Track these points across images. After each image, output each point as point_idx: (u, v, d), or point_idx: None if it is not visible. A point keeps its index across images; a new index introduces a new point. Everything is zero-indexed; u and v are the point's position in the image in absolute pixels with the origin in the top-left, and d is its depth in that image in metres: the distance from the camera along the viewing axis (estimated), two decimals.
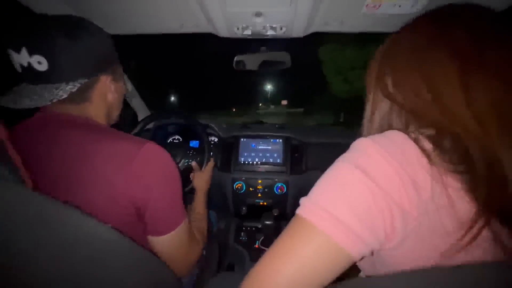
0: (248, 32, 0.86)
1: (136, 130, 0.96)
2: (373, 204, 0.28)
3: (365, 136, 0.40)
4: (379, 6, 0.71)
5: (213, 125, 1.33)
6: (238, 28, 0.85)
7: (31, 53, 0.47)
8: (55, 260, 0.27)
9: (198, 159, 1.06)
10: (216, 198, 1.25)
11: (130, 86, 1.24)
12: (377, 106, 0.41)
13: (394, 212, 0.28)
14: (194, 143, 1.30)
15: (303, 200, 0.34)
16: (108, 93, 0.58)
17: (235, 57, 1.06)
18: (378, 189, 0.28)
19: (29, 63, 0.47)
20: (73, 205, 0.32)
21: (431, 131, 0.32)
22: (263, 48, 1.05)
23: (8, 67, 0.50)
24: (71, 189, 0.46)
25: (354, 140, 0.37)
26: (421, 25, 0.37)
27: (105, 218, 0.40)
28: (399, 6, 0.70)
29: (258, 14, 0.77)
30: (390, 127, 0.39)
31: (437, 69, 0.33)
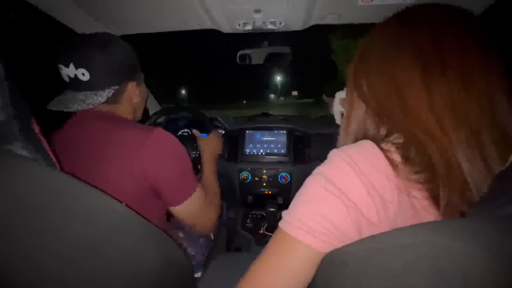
0: (249, 27, 0.90)
1: (148, 124, 1.03)
2: (347, 214, 0.30)
3: (342, 139, 0.43)
4: None
5: (220, 118, 1.38)
6: (239, 24, 0.89)
7: (77, 67, 0.58)
8: (80, 233, 0.33)
9: None
10: (224, 188, 1.32)
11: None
12: (353, 109, 0.41)
13: (363, 224, 0.30)
14: (202, 136, 1.36)
15: (284, 214, 0.35)
16: (133, 97, 0.69)
17: (238, 52, 1.10)
18: (349, 201, 0.30)
19: (75, 75, 0.59)
20: (97, 182, 0.42)
21: (400, 139, 0.33)
22: (265, 43, 1.08)
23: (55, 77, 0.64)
24: (96, 167, 0.55)
25: None
26: (390, 25, 0.37)
27: (123, 192, 0.54)
28: None
29: (257, 11, 0.80)
30: (365, 132, 0.39)
31: (403, 72, 0.33)
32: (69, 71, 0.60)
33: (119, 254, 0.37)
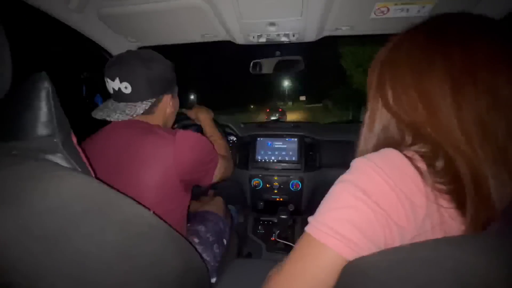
0: (263, 39, 0.93)
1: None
2: (375, 221, 0.30)
3: (363, 144, 0.43)
4: (388, 11, 0.74)
5: (231, 125, 1.41)
6: (253, 37, 0.92)
7: (121, 81, 0.65)
8: (114, 238, 0.36)
9: None
10: (235, 194, 1.34)
11: None
12: (376, 115, 0.40)
13: (393, 230, 0.30)
14: None
15: (310, 220, 0.35)
16: (167, 108, 0.74)
17: (251, 62, 1.13)
18: (378, 208, 0.30)
19: (119, 88, 0.66)
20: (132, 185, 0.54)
21: (426, 149, 0.33)
22: (277, 52, 1.11)
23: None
24: (130, 171, 0.61)
25: None
26: (420, 36, 0.36)
27: (156, 191, 0.61)
28: (407, 10, 0.73)
29: (271, 24, 0.83)
30: (387, 139, 0.39)
31: (432, 86, 0.32)
32: (114, 84, 0.66)
33: (146, 259, 0.40)
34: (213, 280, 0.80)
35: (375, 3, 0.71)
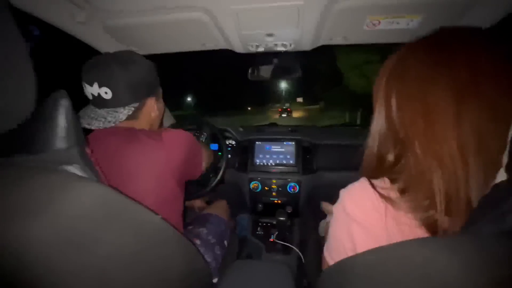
0: (261, 49, 0.97)
1: None
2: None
3: (367, 151, 0.46)
4: (379, 23, 0.79)
5: (230, 129, 1.45)
6: (252, 46, 0.96)
7: (100, 85, 0.62)
8: (129, 241, 0.39)
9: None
10: (235, 197, 1.37)
11: None
12: (378, 127, 0.43)
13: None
14: (213, 146, 1.42)
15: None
16: (152, 112, 0.72)
17: (249, 69, 1.17)
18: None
19: (98, 93, 0.62)
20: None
21: (397, 176, 0.38)
22: (275, 60, 1.15)
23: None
24: (123, 182, 0.58)
25: (361, 141, 0.46)
26: (427, 49, 0.38)
27: (153, 197, 0.61)
28: (397, 23, 0.78)
29: (269, 35, 0.87)
30: (381, 151, 0.43)
31: (436, 98, 0.34)
32: (93, 90, 0.62)
33: (156, 260, 0.43)
34: (215, 280, 0.83)
35: (367, 16, 0.76)
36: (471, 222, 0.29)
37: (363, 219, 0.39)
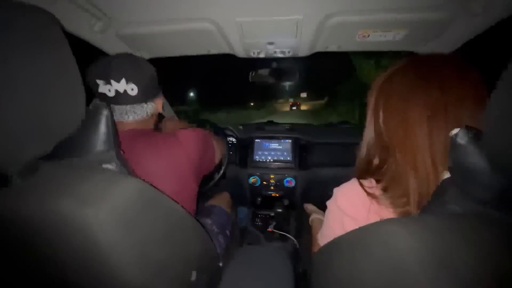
0: (262, 55, 1.05)
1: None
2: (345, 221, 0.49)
3: (361, 153, 0.55)
4: (368, 36, 0.87)
5: (231, 128, 1.53)
6: (253, 53, 1.04)
7: (128, 81, 0.65)
8: (161, 227, 0.48)
9: None
10: (235, 190, 1.47)
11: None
12: (368, 133, 0.51)
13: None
14: None
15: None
16: (159, 109, 0.80)
17: (250, 72, 1.25)
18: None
19: (124, 90, 0.66)
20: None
21: (384, 182, 0.46)
22: (274, 63, 1.23)
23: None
24: (148, 178, 0.63)
25: (355, 140, 0.54)
26: (408, 73, 0.46)
27: (175, 188, 0.65)
28: (385, 36, 0.87)
29: (270, 43, 0.95)
30: (369, 156, 0.51)
31: (415, 115, 0.42)
32: (119, 86, 0.65)
33: (180, 242, 0.53)
34: (220, 264, 0.93)
35: (358, 30, 0.84)
36: (425, 209, 0.38)
37: (352, 212, 0.48)
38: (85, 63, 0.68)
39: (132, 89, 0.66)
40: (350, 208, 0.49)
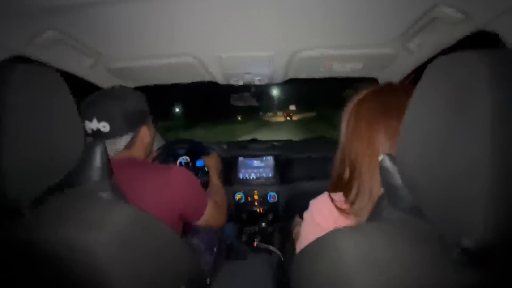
0: (240, 82, 1.16)
1: (151, 156, 1.24)
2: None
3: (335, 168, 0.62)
4: (332, 67, 1.01)
5: (215, 147, 1.61)
6: (233, 80, 1.15)
7: (99, 120, 0.70)
8: (154, 247, 0.54)
9: (203, 174, 1.34)
10: None
11: None
12: (340, 150, 0.57)
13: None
14: (199, 163, 1.57)
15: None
16: (145, 138, 0.81)
17: (231, 96, 1.36)
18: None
19: (97, 128, 0.70)
20: None
21: (351, 197, 0.51)
22: (252, 88, 1.35)
23: None
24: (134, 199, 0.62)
25: (331, 154, 0.60)
26: (373, 101, 0.53)
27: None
28: (345, 66, 1.00)
29: (247, 73, 1.07)
30: (340, 171, 0.57)
31: (377, 138, 0.49)
32: (92, 125, 0.70)
33: (170, 258, 0.59)
34: (208, 280, 0.98)
35: (322, 62, 0.97)
36: (368, 218, 0.48)
37: (323, 223, 0.56)
38: (82, 97, 0.75)
39: (104, 126, 0.71)
40: (321, 220, 0.56)
